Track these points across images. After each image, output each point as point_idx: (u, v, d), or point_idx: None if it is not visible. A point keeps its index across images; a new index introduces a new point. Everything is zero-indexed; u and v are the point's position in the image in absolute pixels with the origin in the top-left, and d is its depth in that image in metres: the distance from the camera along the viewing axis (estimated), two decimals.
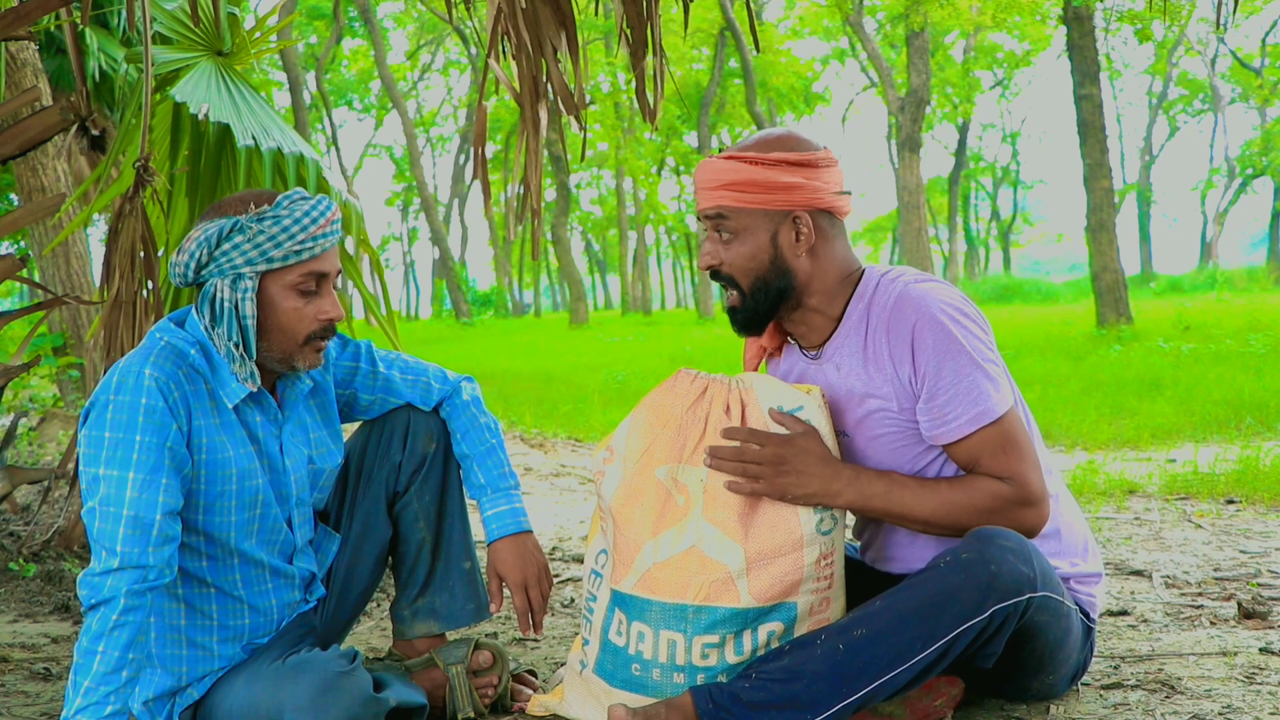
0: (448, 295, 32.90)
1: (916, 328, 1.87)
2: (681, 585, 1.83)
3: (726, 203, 1.93)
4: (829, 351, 2.00)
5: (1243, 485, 4.12)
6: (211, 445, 1.85)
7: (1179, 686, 2.11)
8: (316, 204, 1.89)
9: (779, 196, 1.92)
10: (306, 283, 1.88)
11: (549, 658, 2.51)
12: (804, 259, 1.95)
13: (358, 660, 1.88)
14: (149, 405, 1.76)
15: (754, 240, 1.94)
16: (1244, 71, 32.37)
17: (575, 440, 6.69)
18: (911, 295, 1.89)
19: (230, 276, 1.84)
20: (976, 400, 1.85)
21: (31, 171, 4.87)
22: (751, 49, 22.79)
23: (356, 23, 29.37)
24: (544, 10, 2.36)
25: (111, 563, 1.70)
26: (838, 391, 1.98)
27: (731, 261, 1.95)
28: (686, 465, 1.88)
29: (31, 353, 4.78)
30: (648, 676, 1.85)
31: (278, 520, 1.96)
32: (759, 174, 1.91)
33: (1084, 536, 2.08)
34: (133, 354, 1.84)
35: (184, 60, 2.93)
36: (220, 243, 1.84)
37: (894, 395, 1.92)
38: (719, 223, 1.95)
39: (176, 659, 1.91)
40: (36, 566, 3.41)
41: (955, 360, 1.85)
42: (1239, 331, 10.92)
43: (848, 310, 1.98)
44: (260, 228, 1.84)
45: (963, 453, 1.88)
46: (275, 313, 1.87)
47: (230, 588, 1.93)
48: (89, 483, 1.76)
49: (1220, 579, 2.90)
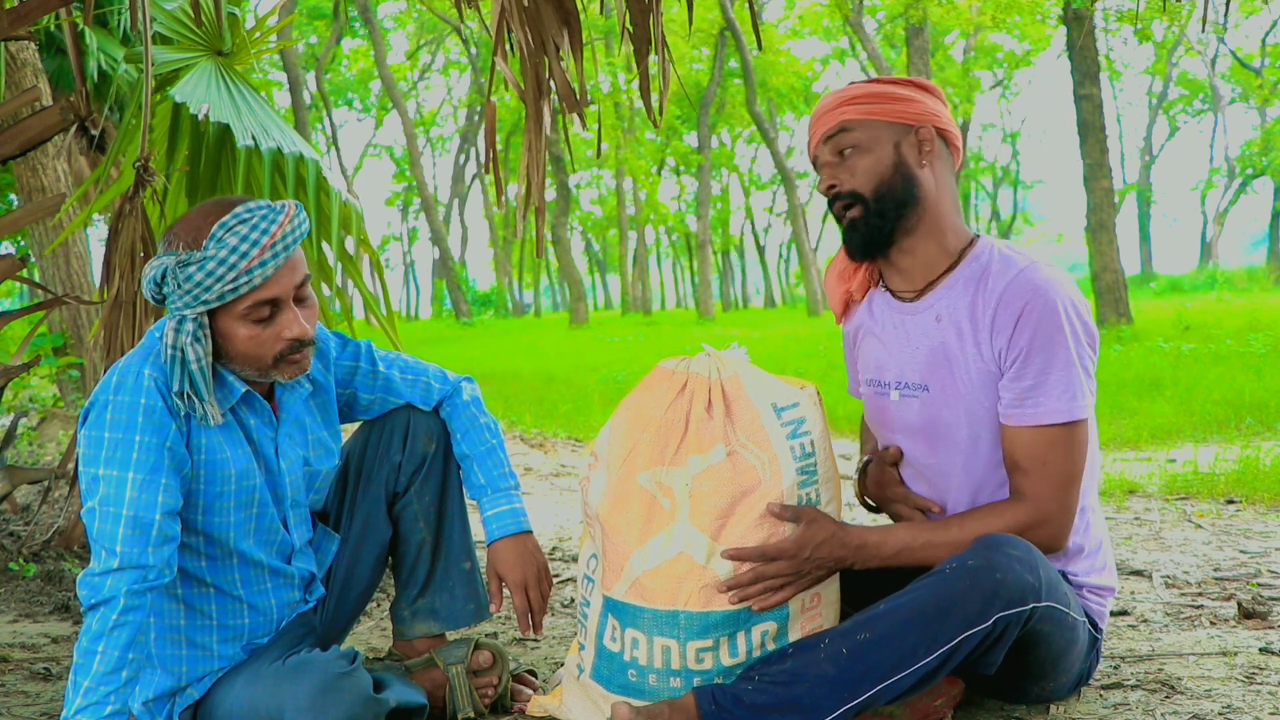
0: (448, 295, 32.91)
1: (1029, 306, 1.84)
2: (672, 592, 1.81)
3: (850, 115, 1.94)
4: (930, 299, 1.97)
5: (1243, 485, 4.11)
6: (210, 445, 1.85)
7: (1179, 686, 2.10)
8: (254, 228, 1.76)
9: (902, 107, 1.94)
10: (256, 312, 1.79)
11: (549, 658, 2.50)
12: (927, 171, 1.95)
13: (358, 661, 1.87)
14: (148, 405, 1.76)
15: (878, 149, 1.94)
16: (1244, 71, 32.37)
17: (575, 440, 6.69)
18: (1036, 276, 1.86)
19: (175, 319, 1.78)
20: (1062, 396, 1.84)
21: (31, 171, 4.86)
22: (752, 48, 22.77)
23: (357, 23, 29.36)
24: (546, 9, 2.36)
25: (111, 563, 1.70)
26: (930, 342, 1.96)
27: (854, 173, 1.95)
28: (670, 468, 1.85)
29: (31, 353, 4.77)
30: (644, 682, 1.84)
31: (274, 520, 1.96)
32: (883, 89, 1.95)
33: (1108, 551, 2.06)
34: (132, 354, 1.83)
35: (184, 60, 2.92)
36: (159, 286, 1.78)
37: (981, 360, 1.90)
38: (841, 138, 1.95)
39: (176, 659, 1.91)
40: (36, 566, 3.41)
41: (1055, 351, 1.83)
42: (1239, 331, 10.93)
43: (960, 264, 1.96)
44: (187, 274, 1.74)
45: (1019, 442, 1.87)
46: (233, 342, 1.82)
47: (229, 587, 1.93)
48: (88, 483, 1.75)
49: (1220, 579, 2.90)
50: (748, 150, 42.44)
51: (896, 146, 1.93)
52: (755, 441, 1.84)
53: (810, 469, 1.86)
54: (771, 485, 1.83)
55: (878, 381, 2.06)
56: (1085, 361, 1.86)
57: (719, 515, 1.82)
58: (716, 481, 1.82)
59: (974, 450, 1.95)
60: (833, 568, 1.85)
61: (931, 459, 1.99)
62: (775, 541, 1.81)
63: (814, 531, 1.82)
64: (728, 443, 1.84)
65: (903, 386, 2.00)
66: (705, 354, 1.92)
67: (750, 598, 1.80)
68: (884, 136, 1.94)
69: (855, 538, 1.85)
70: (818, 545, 1.82)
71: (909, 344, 1.99)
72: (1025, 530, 1.85)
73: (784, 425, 1.86)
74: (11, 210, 5.10)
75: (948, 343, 1.93)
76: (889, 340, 2.03)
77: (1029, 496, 1.87)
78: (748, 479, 1.83)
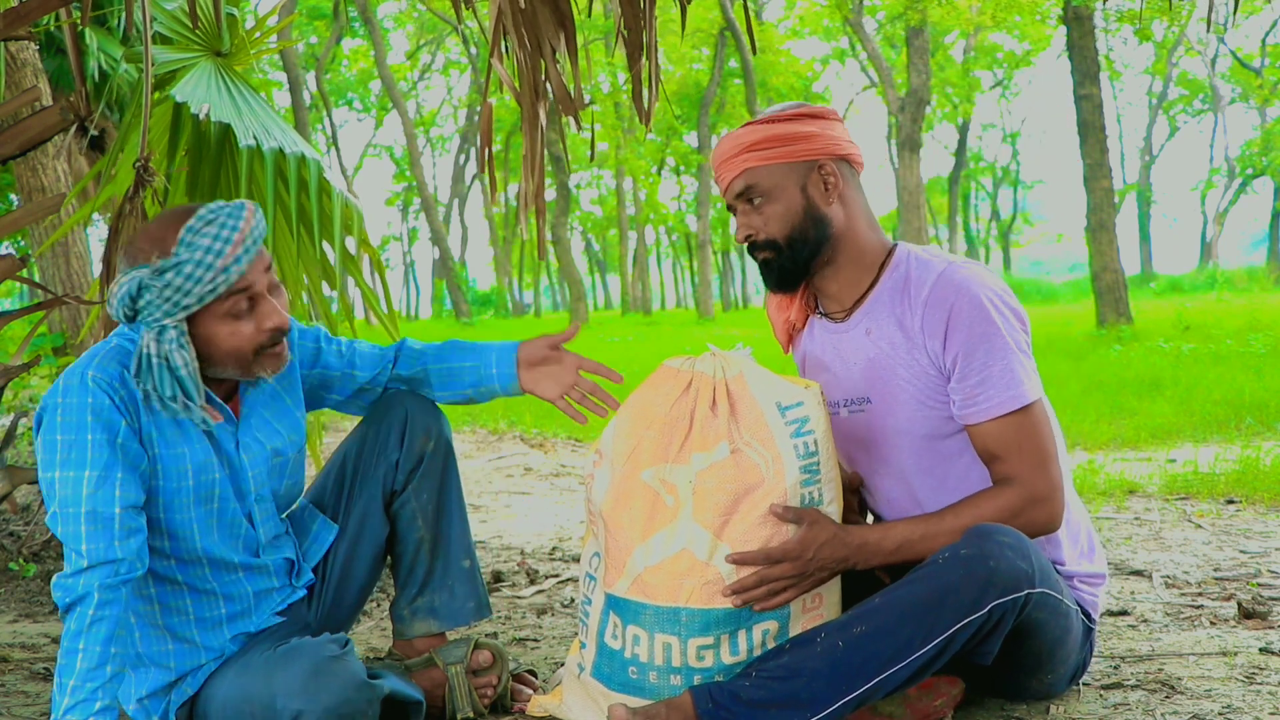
0: (448, 295, 32.90)
1: (955, 307, 1.89)
2: (674, 588, 1.82)
3: (752, 164, 1.97)
4: (858, 316, 2.03)
5: (1243, 485, 4.11)
6: (164, 439, 1.84)
7: (1179, 687, 2.10)
8: (221, 229, 1.78)
9: (800, 146, 1.97)
10: (236, 306, 1.81)
11: (549, 657, 2.50)
12: (836, 206, 1.99)
13: (349, 646, 1.87)
14: (95, 404, 1.76)
15: (785, 196, 1.97)
16: (1244, 71, 32.31)
17: (575, 440, 6.69)
18: (955, 276, 1.92)
19: (155, 329, 1.78)
20: (1009, 385, 1.88)
21: (31, 171, 4.86)
22: (751, 49, 22.73)
23: (357, 22, 29.35)
24: (543, 10, 2.36)
25: (80, 563, 1.70)
26: (865, 355, 2.01)
27: (767, 222, 1.99)
28: (674, 465, 1.86)
29: (31, 353, 4.77)
30: (645, 679, 1.85)
31: (237, 515, 1.95)
32: (778, 130, 1.97)
33: (1090, 536, 2.09)
34: (76, 361, 1.84)
35: (184, 60, 2.92)
36: (134, 300, 1.78)
37: (918, 365, 1.94)
38: (749, 192, 1.99)
39: (164, 654, 1.91)
40: (36, 566, 3.41)
41: (991, 343, 1.88)
42: (1239, 331, 10.93)
43: (881, 277, 2.01)
44: (165, 281, 1.75)
45: (986, 435, 1.91)
46: (215, 342, 1.83)
47: (200, 583, 1.92)
48: (47, 488, 1.76)
49: (1220, 579, 2.90)
50: None
51: (803, 190, 1.97)
52: (759, 440, 1.85)
53: (813, 467, 1.86)
54: (775, 483, 1.83)
55: (829, 403, 2.08)
56: (1021, 345, 1.91)
57: (722, 512, 1.82)
58: (720, 479, 1.83)
59: (929, 449, 1.98)
60: (835, 568, 1.86)
61: (887, 467, 2.04)
62: (779, 543, 1.82)
63: (816, 533, 1.83)
64: (731, 440, 1.85)
65: (849, 404, 2.05)
66: (710, 353, 1.93)
67: (754, 600, 1.81)
68: (788, 181, 1.97)
69: (856, 537, 1.87)
70: (820, 546, 1.83)
71: (845, 362, 2.05)
72: (1022, 510, 1.88)
73: (788, 424, 1.86)
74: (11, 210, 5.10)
75: (882, 353, 1.99)
76: (830, 361, 2.09)
77: (1015, 479, 1.89)
78: (751, 477, 1.83)
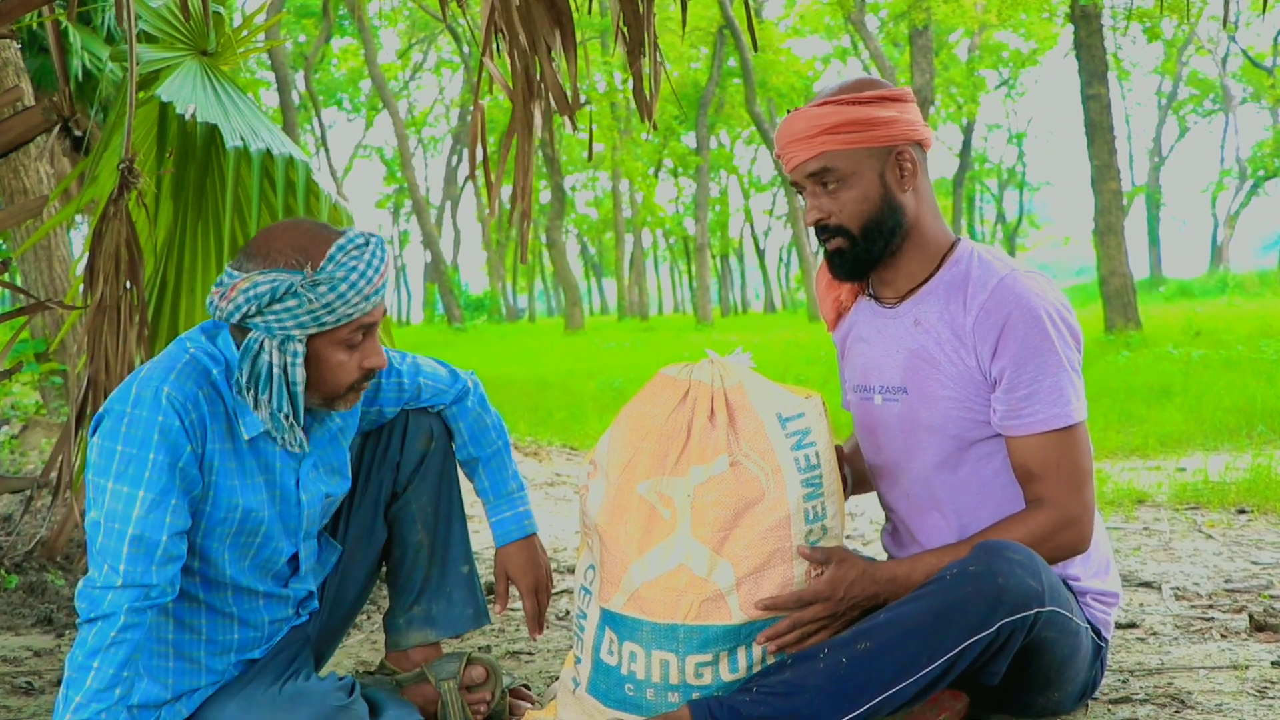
0: (440, 299, 32.93)
1: (1011, 318, 1.86)
2: (671, 605, 1.79)
3: (831, 148, 1.91)
4: (909, 305, 1.99)
5: (1254, 494, 4.08)
6: (222, 470, 1.80)
7: (1189, 701, 2.07)
8: (373, 255, 1.76)
9: (881, 131, 1.91)
10: (354, 337, 1.80)
11: (544, 671, 2.46)
12: (910, 194, 1.95)
13: (356, 692, 1.86)
14: (165, 424, 1.71)
15: (863, 182, 1.92)
16: (1256, 71, 32.13)
17: (570, 448, 6.65)
18: (1016, 286, 1.88)
19: (279, 338, 1.75)
20: (1056, 401, 1.85)
21: (14, 173, 4.82)
22: (752, 48, 22.76)
23: (346, 20, 29.30)
24: (538, 8, 2.32)
25: (113, 580, 1.67)
26: (908, 345, 1.97)
27: (843, 209, 1.93)
28: (670, 477, 1.83)
29: (13, 359, 4.72)
30: (641, 696, 1.82)
31: (278, 553, 1.91)
32: (860, 113, 1.90)
33: (1107, 554, 2.07)
34: (154, 364, 1.78)
35: (169, 59, 2.88)
36: (273, 302, 1.73)
37: (962, 364, 1.91)
38: (824, 175, 1.93)
39: (164, 670, 1.87)
40: (19, 578, 3.36)
41: (1043, 359, 1.85)
42: (1250, 337, 10.90)
43: (940, 271, 1.97)
44: (316, 294, 1.72)
45: (1025, 451, 1.88)
46: (321, 367, 1.79)
47: (221, 605, 1.89)
48: (96, 492, 1.71)
49: (1231, 590, 2.87)
50: (747, 151, 42.38)
51: (880, 176, 1.93)
52: (759, 452, 1.82)
53: (816, 481, 1.83)
54: (776, 498, 1.80)
55: (863, 387, 2.07)
56: (1074, 364, 1.88)
57: (721, 527, 1.79)
58: (719, 493, 1.80)
59: (956, 449, 1.95)
60: (867, 605, 1.83)
61: (912, 460, 2.00)
62: (809, 585, 1.80)
63: (845, 571, 1.82)
64: (731, 453, 1.82)
65: (884, 390, 2.02)
66: (708, 360, 1.89)
67: (788, 645, 1.80)
68: (867, 167, 1.92)
69: (885, 572, 1.85)
70: (850, 585, 1.82)
71: (889, 347, 2.01)
72: (1053, 534, 1.86)
73: (789, 436, 1.84)
74: None
75: (926, 346, 1.95)
76: (874, 344, 2.05)
77: (1049, 500, 1.87)
78: (751, 491, 1.80)
